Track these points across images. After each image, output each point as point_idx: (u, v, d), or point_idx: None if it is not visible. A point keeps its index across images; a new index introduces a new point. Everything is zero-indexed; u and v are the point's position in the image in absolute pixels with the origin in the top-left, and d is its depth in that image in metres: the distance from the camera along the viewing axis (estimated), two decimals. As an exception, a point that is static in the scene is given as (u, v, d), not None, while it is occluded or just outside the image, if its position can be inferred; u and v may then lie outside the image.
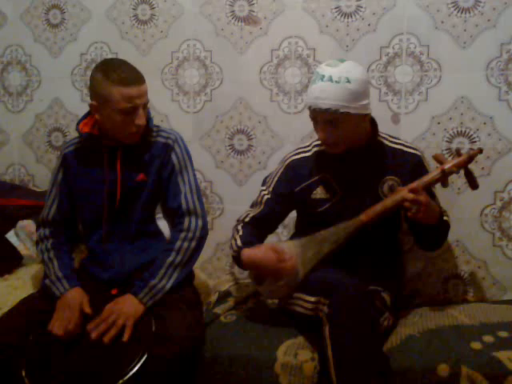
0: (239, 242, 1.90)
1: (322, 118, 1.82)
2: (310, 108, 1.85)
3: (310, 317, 1.75)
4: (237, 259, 1.90)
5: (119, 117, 1.80)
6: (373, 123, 1.95)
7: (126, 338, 1.66)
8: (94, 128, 1.92)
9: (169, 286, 1.80)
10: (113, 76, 1.77)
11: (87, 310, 1.76)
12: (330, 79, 1.79)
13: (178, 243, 1.85)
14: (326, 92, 1.79)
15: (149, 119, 1.93)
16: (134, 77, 1.80)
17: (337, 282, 1.71)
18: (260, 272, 1.86)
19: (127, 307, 1.73)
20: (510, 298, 2.21)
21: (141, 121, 1.82)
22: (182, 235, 1.87)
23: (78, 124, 1.95)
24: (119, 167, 1.89)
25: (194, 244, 1.87)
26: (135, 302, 1.75)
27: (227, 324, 1.95)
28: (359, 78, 1.82)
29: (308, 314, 1.76)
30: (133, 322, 1.69)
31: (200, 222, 1.90)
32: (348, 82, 1.78)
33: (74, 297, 1.79)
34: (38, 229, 2.02)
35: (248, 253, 1.84)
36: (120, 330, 1.68)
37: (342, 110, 1.79)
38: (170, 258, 1.83)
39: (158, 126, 2.01)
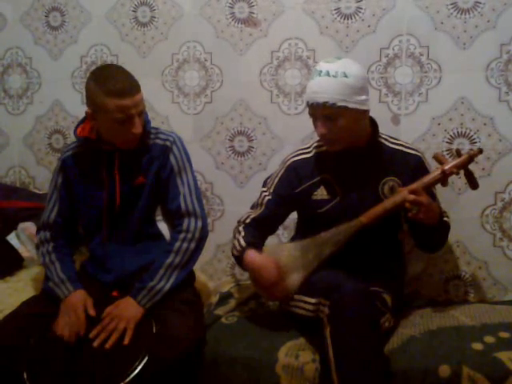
0: (243, 242, 1.90)
1: (321, 112, 1.83)
2: (308, 103, 1.85)
3: (310, 318, 1.76)
4: (239, 259, 1.90)
5: (115, 126, 1.80)
6: (373, 124, 1.96)
7: (126, 341, 1.66)
8: (91, 132, 1.92)
9: (167, 287, 1.79)
10: (107, 87, 1.75)
11: (92, 312, 1.76)
12: (328, 74, 1.80)
13: (177, 244, 1.85)
14: (324, 86, 1.79)
15: (146, 122, 1.93)
16: (128, 87, 1.78)
17: (337, 283, 1.70)
18: (253, 279, 1.86)
19: (127, 311, 1.73)
20: (511, 298, 2.21)
21: (137, 129, 1.81)
22: (181, 236, 1.86)
23: (75, 128, 1.95)
24: (117, 170, 1.89)
25: (193, 245, 1.86)
26: (134, 304, 1.75)
27: (228, 325, 1.95)
28: (357, 73, 1.82)
29: (309, 316, 1.77)
30: (134, 325, 1.69)
31: (199, 223, 1.89)
32: (345, 76, 1.79)
33: (79, 299, 1.79)
34: (38, 232, 2.01)
35: (252, 256, 1.83)
36: (121, 333, 1.68)
37: (339, 104, 1.79)
38: (169, 260, 1.82)
39: (156, 128, 2.00)
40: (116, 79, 1.78)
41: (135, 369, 1.59)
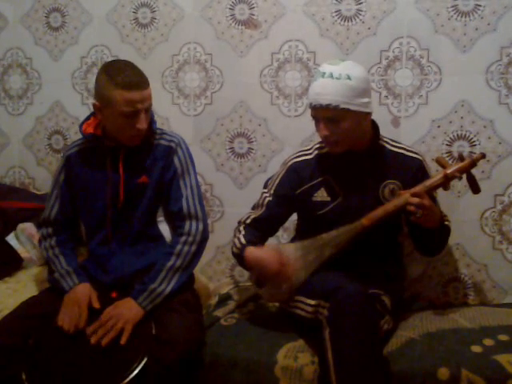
0: (243, 240, 1.90)
1: (323, 114, 1.83)
2: (311, 105, 1.86)
3: (310, 320, 1.76)
4: (239, 257, 1.90)
5: (120, 119, 1.81)
6: (374, 126, 1.96)
7: (123, 340, 1.66)
8: (97, 129, 1.93)
9: (168, 289, 1.80)
10: (116, 79, 1.77)
11: (96, 305, 1.78)
12: (331, 76, 1.80)
13: (178, 247, 1.85)
14: (327, 88, 1.79)
15: (152, 121, 1.94)
16: (137, 81, 1.80)
17: (337, 285, 1.70)
18: (261, 273, 1.85)
19: (126, 311, 1.73)
20: (511, 301, 2.21)
21: (142, 125, 1.82)
22: (183, 239, 1.87)
23: (81, 125, 1.96)
24: (121, 168, 1.90)
25: (194, 248, 1.87)
26: (134, 305, 1.75)
27: (227, 327, 1.95)
28: (360, 75, 1.83)
29: (308, 317, 1.76)
30: (131, 326, 1.69)
31: (200, 226, 1.90)
32: (348, 78, 1.79)
33: (83, 292, 1.81)
34: (39, 228, 2.03)
35: (251, 251, 1.83)
36: (118, 333, 1.68)
37: (342, 106, 1.79)
38: (170, 262, 1.83)
39: (161, 129, 2.02)
40: (126, 73, 1.79)
41: (134, 370, 1.59)
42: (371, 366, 1.60)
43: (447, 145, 2.25)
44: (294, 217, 2.12)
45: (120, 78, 1.77)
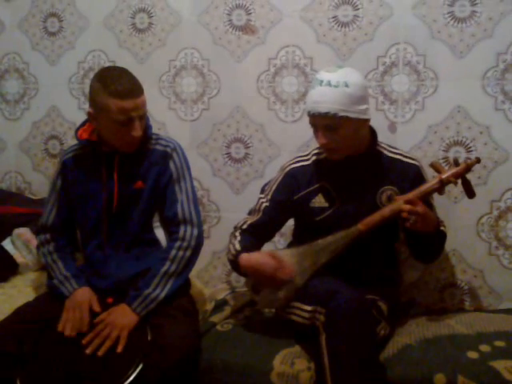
0: (238, 247, 1.90)
1: (322, 122, 1.83)
2: (309, 113, 1.86)
3: (306, 326, 1.75)
4: (234, 263, 1.90)
5: (115, 127, 1.80)
6: (372, 132, 1.96)
7: (119, 349, 1.66)
8: (92, 134, 1.93)
9: (163, 295, 1.79)
10: (110, 87, 1.77)
11: (97, 308, 1.78)
12: (329, 84, 1.80)
13: (173, 252, 1.85)
14: (325, 96, 1.79)
15: (148, 127, 1.94)
16: (131, 89, 1.79)
17: (333, 291, 1.70)
18: (257, 278, 1.85)
19: (121, 318, 1.72)
20: (507, 307, 2.21)
21: (136, 133, 1.82)
22: (177, 244, 1.86)
23: (76, 131, 1.96)
24: (117, 174, 1.89)
25: (188, 253, 1.86)
26: (129, 312, 1.75)
27: (223, 333, 1.94)
28: (357, 82, 1.83)
29: (305, 323, 1.76)
30: (127, 333, 1.69)
31: (195, 231, 1.89)
32: (346, 86, 1.79)
33: (83, 296, 1.81)
34: (38, 234, 2.02)
35: (247, 257, 1.82)
36: (114, 341, 1.67)
37: (340, 114, 1.79)
38: (165, 267, 1.82)
39: (157, 134, 2.01)
40: (120, 81, 1.79)
41: (130, 376, 1.59)
42: (368, 371, 1.59)
43: (443, 150, 2.25)
44: (291, 222, 2.11)
45: (113, 87, 1.77)
